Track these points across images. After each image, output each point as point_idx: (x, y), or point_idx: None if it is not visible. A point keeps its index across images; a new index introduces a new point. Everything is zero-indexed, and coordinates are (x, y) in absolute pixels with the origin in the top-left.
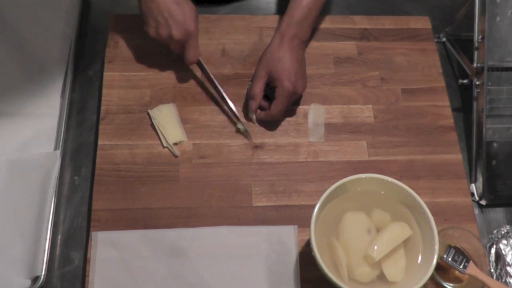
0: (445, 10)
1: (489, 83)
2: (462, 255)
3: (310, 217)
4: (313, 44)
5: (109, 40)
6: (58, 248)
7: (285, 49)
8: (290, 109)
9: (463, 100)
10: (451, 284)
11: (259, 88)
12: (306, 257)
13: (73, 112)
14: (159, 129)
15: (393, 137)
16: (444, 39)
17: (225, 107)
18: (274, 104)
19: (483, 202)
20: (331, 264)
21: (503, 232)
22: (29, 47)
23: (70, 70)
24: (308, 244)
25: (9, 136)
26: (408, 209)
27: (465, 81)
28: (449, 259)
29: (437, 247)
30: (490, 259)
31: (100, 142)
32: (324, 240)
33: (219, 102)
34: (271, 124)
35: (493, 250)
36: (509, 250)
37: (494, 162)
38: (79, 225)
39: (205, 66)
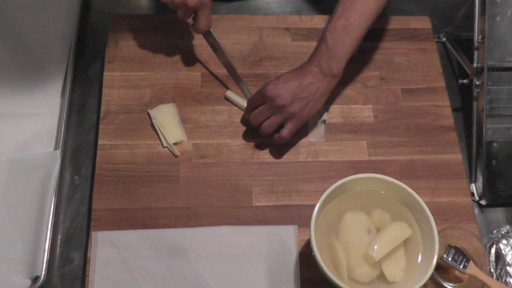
0: (445, 10)
1: (489, 83)
2: (462, 255)
3: (310, 217)
4: (314, 44)
5: (109, 40)
6: (58, 248)
7: (296, 68)
8: None
9: (463, 100)
10: (451, 284)
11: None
12: (306, 257)
13: (73, 112)
14: (159, 129)
15: (393, 137)
16: (444, 39)
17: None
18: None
19: (483, 202)
20: (331, 264)
21: (503, 232)
22: (29, 47)
23: (70, 70)
24: (308, 244)
25: (9, 136)
26: (408, 209)
27: (465, 81)
28: (449, 259)
29: (437, 247)
30: (490, 259)
31: (100, 142)
32: (324, 240)
33: (220, 100)
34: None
35: (493, 250)
36: (509, 250)
37: (494, 162)
38: (79, 225)
39: (215, 35)
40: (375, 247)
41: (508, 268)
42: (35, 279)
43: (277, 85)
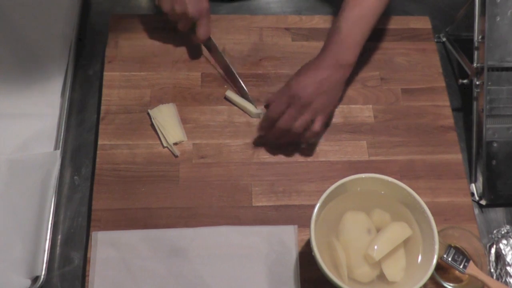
0: (445, 10)
1: (489, 83)
2: (462, 255)
3: (310, 217)
4: (314, 44)
5: (109, 40)
6: (58, 248)
7: (311, 62)
8: None
9: (463, 100)
10: (451, 284)
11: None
12: (306, 257)
13: (73, 112)
14: (159, 129)
15: (393, 137)
16: (444, 39)
17: (235, 87)
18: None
19: (483, 202)
20: (331, 264)
21: (503, 232)
22: (29, 47)
23: (70, 70)
24: (308, 244)
25: (9, 136)
26: (408, 209)
27: (465, 81)
28: (449, 259)
29: (437, 247)
30: (490, 259)
31: (100, 142)
32: (324, 240)
33: (220, 100)
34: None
35: (493, 250)
36: (509, 250)
37: (494, 162)
38: (79, 225)
39: (215, 42)
40: (375, 247)
41: (508, 268)
42: (35, 279)
43: (300, 83)
